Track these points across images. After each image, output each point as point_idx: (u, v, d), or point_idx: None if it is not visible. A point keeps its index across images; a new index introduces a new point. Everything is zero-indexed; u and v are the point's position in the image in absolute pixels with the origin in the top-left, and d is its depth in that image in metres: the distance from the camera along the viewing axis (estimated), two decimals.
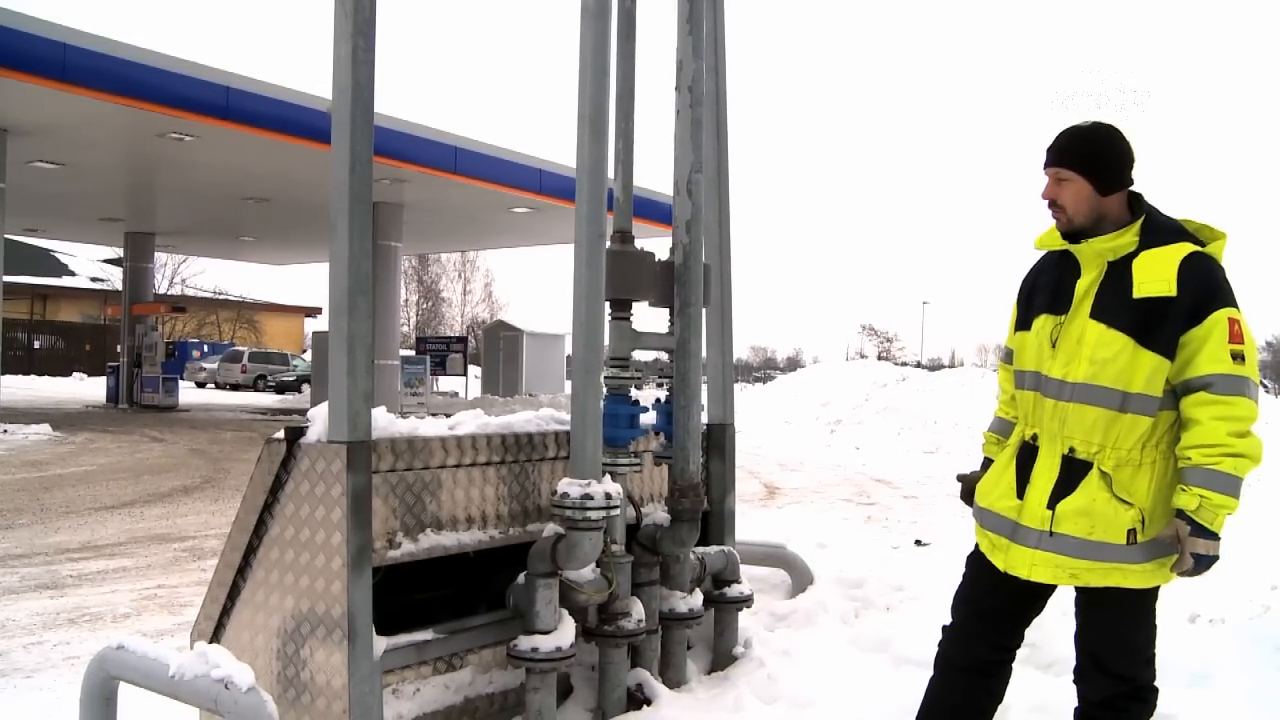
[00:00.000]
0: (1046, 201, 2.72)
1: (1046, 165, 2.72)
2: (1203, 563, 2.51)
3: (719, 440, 4.24)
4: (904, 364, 38.21)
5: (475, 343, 39.99)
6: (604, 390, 3.47)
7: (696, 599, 3.82)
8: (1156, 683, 2.72)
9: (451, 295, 65.32)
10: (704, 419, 4.04)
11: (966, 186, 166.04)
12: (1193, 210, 2.69)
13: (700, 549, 3.95)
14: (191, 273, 50.71)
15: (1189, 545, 2.49)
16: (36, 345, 42.28)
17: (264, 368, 39.30)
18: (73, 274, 46.99)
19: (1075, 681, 2.79)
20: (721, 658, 4.00)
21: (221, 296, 52.59)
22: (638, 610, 3.49)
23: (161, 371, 24.84)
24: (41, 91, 12.60)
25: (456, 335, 40.57)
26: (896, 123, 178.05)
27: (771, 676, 3.77)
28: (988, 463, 2.98)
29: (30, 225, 25.76)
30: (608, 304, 3.48)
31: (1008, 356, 2.91)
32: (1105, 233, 2.65)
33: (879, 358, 59.05)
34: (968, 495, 3.01)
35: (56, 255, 46.00)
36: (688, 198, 3.77)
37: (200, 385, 39.15)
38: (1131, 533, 2.53)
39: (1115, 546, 2.54)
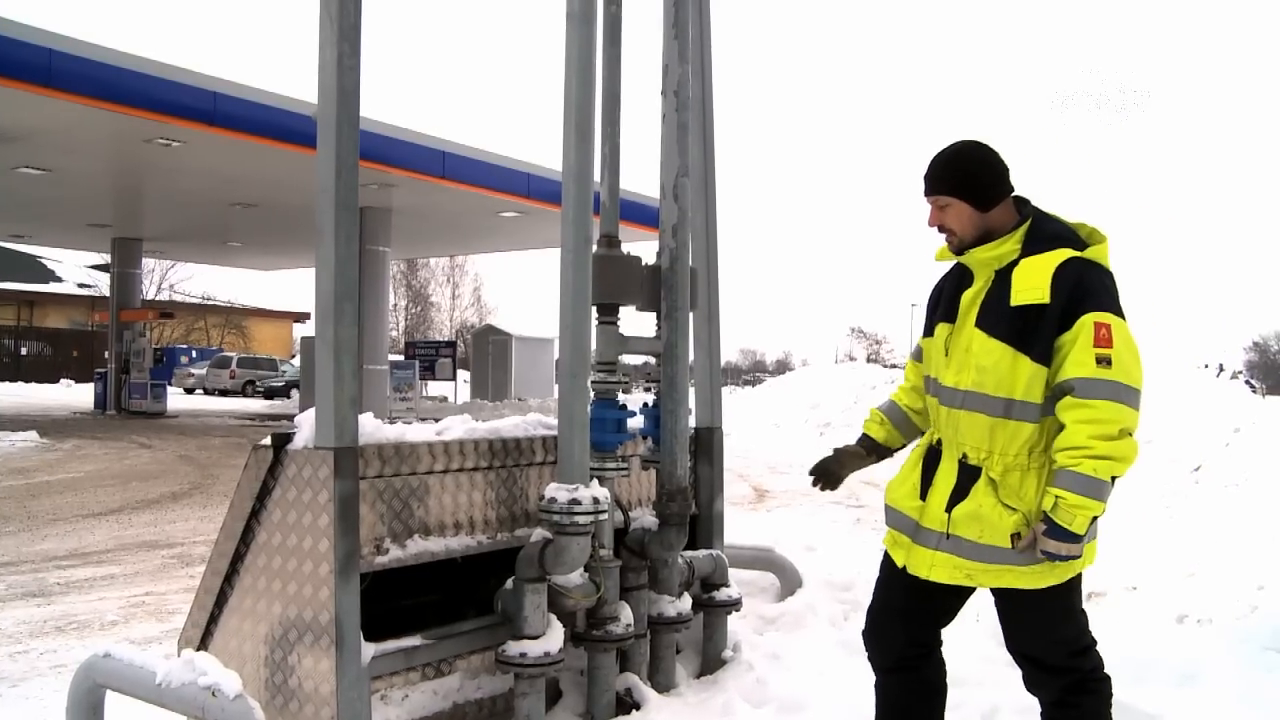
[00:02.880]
0: (936, 228, 2.79)
1: (925, 194, 2.78)
2: (1056, 560, 2.55)
3: (707, 444, 4.25)
4: (893, 366, 38.25)
5: (464, 347, 39.94)
6: (591, 395, 3.48)
7: (685, 603, 3.83)
8: (1107, 671, 2.73)
9: (440, 300, 65.41)
10: (692, 423, 4.05)
11: None
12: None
13: (689, 553, 3.95)
14: (179, 278, 50.66)
15: (1039, 543, 2.54)
16: (23, 352, 42.07)
17: (252, 373, 39.14)
18: (60, 280, 46.77)
19: (1027, 688, 2.80)
20: (710, 661, 4.00)
21: (210, 302, 52.44)
22: (626, 615, 3.49)
23: (149, 377, 24.67)
24: (27, 97, 12.53)
25: (445, 340, 40.44)
26: (885, 124, 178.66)
27: (760, 680, 3.78)
28: (863, 438, 3.11)
29: (17, 231, 25.65)
30: (595, 308, 3.48)
31: (918, 354, 3.00)
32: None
33: (868, 360, 59.22)
34: (824, 467, 3.08)
35: (43, 261, 45.81)
36: (674, 202, 3.78)
37: (189, 391, 38.95)
38: (1015, 536, 2.59)
39: (1002, 549, 2.61)
